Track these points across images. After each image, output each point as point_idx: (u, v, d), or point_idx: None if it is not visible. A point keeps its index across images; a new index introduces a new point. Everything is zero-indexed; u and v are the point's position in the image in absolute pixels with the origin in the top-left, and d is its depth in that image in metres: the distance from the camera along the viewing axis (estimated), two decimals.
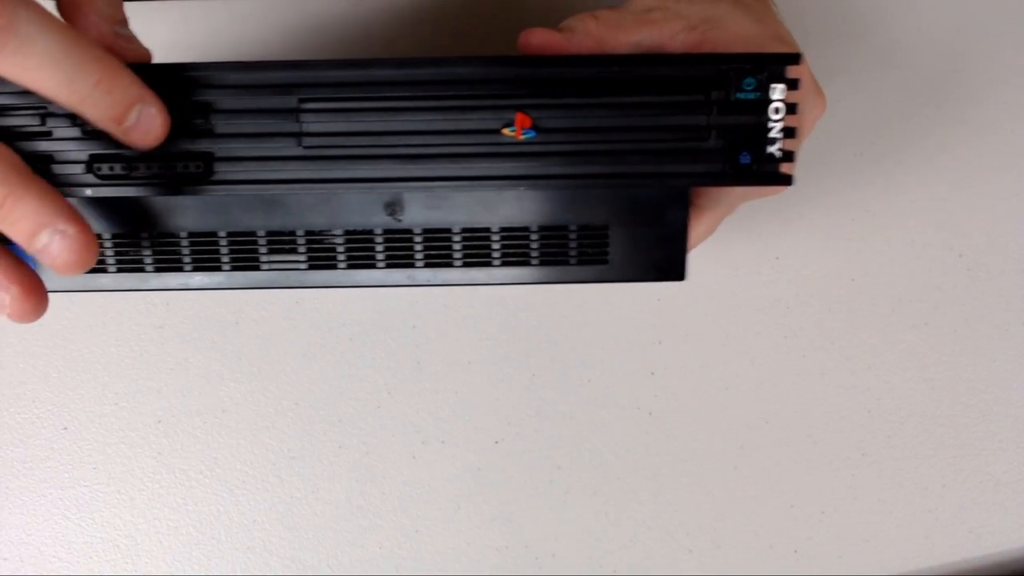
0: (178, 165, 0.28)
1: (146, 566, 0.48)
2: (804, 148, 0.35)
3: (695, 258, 0.48)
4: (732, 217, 0.39)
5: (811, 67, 0.34)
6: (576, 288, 0.48)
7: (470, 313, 0.48)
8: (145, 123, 0.26)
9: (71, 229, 0.26)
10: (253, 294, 0.47)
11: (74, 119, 0.28)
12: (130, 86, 0.26)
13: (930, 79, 0.49)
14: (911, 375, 0.50)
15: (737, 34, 0.32)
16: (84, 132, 0.28)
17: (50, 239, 0.26)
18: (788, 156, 0.29)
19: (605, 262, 0.32)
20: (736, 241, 0.48)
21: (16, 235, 0.26)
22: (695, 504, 0.50)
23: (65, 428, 0.47)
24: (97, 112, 0.26)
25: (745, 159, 0.29)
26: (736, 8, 0.33)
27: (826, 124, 0.38)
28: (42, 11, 0.24)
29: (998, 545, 0.52)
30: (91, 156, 0.28)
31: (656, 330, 0.49)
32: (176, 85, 0.28)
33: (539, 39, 0.31)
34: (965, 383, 0.50)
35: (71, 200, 0.27)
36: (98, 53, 0.25)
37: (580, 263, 0.32)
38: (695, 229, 0.35)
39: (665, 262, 0.32)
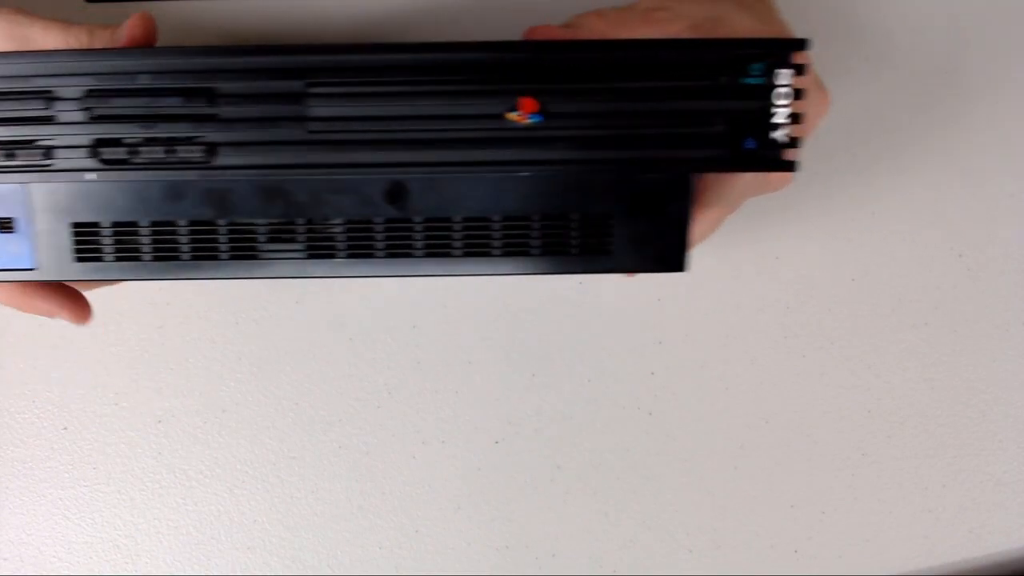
0: (181, 150, 0.28)
1: (146, 566, 0.48)
2: (803, 148, 0.34)
3: (695, 258, 0.48)
4: (732, 217, 0.39)
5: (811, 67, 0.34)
6: (576, 288, 0.48)
7: (470, 313, 0.48)
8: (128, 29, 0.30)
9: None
10: (253, 294, 0.47)
11: (79, 102, 0.28)
12: (107, 26, 0.31)
13: (929, 79, 0.49)
14: (911, 375, 0.50)
15: (741, 33, 0.32)
16: (89, 117, 0.28)
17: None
18: (793, 142, 0.28)
19: (607, 252, 0.31)
20: (736, 241, 0.48)
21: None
22: (695, 504, 0.50)
23: (65, 428, 0.47)
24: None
25: (750, 144, 0.28)
26: (739, 8, 0.33)
27: (825, 124, 0.38)
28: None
29: (998, 545, 0.52)
30: (95, 140, 0.28)
31: (656, 330, 0.49)
32: (180, 70, 0.28)
33: (543, 36, 0.31)
34: (965, 383, 0.50)
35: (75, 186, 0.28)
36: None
37: (581, 253, 0.31)
38: (698, 226, 0.35)
39: (666, 252, 0.31)
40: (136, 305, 0.47)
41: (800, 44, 0.27)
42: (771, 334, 0.49)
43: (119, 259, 0.31)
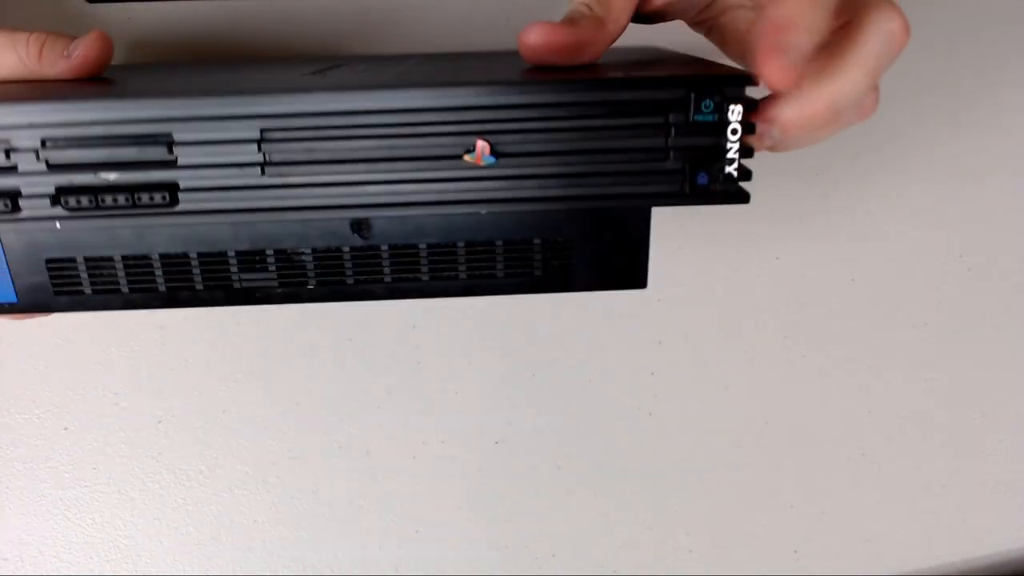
0: (143, 196, 0.29)
1: (146, 566, 0.48)
2: (803, 148, 0.34)
3: (696, 258, 0.48)
4: (732, 217, 0.39)
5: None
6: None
7: (470, 313, 0.48)
8: (80, 53, 0.30)
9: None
10: None
11: (37, 154, 0.28)
12: (59, 39, 0.30)
13: (929, 80, 0.49)
14: (911, 375, 0.50)
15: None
16: (48, 166, 0.28)
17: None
18: (745, 175, 0.29)
19: (568, 274, 0.32)
20: (736, 241, 0.48)
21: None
22: (695, 504, 0.50)
23: (65, 428, 0.47)
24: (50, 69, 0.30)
25: (702, 179, 0.29)
26: None
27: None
28: None
29: (998, 545, 0.52)
30: (57, 189, 0.28)
31: (656, 330, 0.49)
32: (137, 118, 0.28)
33: (542, 36, 0.30)
34: (965, 383, 0.50)
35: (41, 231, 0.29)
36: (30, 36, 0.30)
37: (544, 275, 0.32)
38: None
39: (627, 272, 0.33)
40: None
41: (748, 80, 0.28)
42: (771, 334, 0.49)
43: (97, 292, 0.32)
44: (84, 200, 0.28)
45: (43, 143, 0.28)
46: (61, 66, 0.31)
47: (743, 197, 0.30)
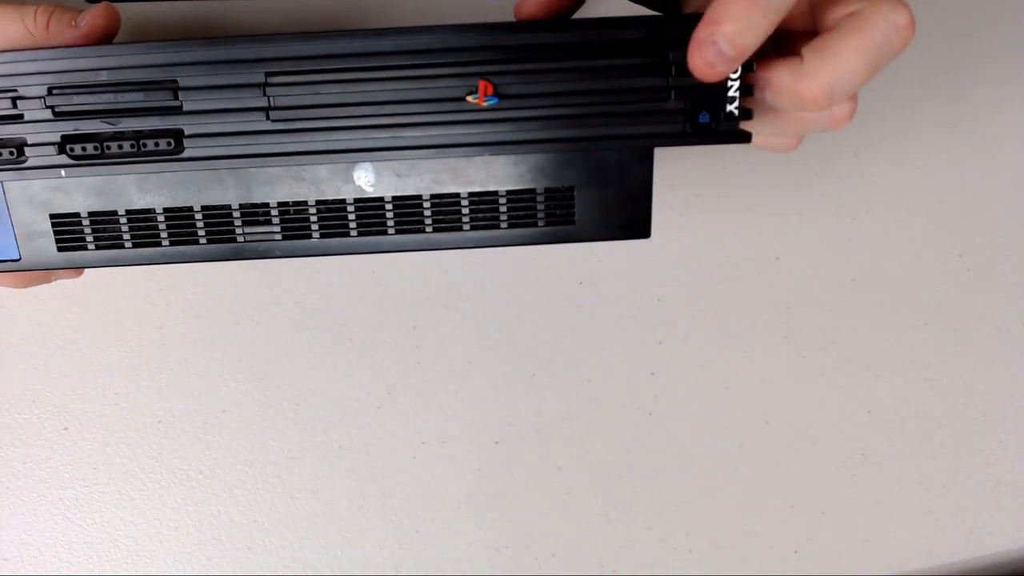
0: (149, 143, 0.29)
1: (146, 566, 0.48)
2: (803, 148, 0.34)
3: (696, 258, 0.48)
4: (732, 217, 0.39)
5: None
6: (576, 288, 0.48)
7: (470, 314, 0.48)
8: (89, 23, 0.30)
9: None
10: (253, 294, 0.47)
11: (43, 101, 0.28)
12: (66, 10, 0.30)
13: (929, 80, 0.49)
14: (911, 375, 0.50)
15: None
16: (55, 114, 0.28)
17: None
18: (746, 113, 0.29)
19: (572, 222, 0.32)
20: (736, 241, 0.48)
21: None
22: (695, 504, 0.50)
23: (65, 428, 0.47)
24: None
25: (704, 118, 0.29)
26: None
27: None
28: None
29: (998, 545, 0.52)
30: (63, 137, 0.29)
31: (656, 330, 0.49)
32: (140, 64, 0.28)
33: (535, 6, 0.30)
34: (965, 383, 0.50)
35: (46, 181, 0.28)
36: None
37: (548, 224, 0.32)
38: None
39: (630, 220, 0.32)
40: (136, 305, 0.47)
41: None
42: (771, 334, 0.49)
43: (100, 247, 0.31)
44: (89, 148, 0.29)
45: (49, 91, 0.28)
46: (68, 35, 0.31)
47: (744, 137, 0.30)
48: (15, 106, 0.28)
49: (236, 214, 0.31)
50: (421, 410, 0.48)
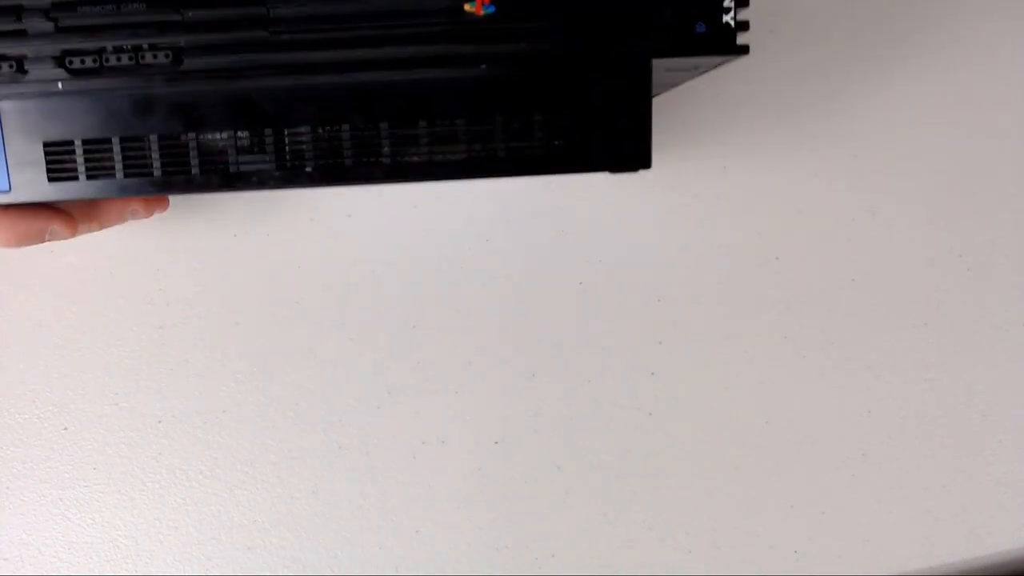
0: (147, 56, 0.29)
1: (146, 566, 0.48)
2: (803, 148, 0.34)
3: (696, 257, 0.48)
4: (732, 216, 0.39)
5: (810, 65, 0.33)
6: (576, 287, 0.48)
7: (470, 314, 0.48)
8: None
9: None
10: (253, 294, 0.47)
11: (47, 13, 0.28)
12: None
13: (929, 80, 0.49)
14: (911, 375, 0.50)
15: None
16: (57, 28, 0.28)
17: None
18: (742, 26, 0.29)
19: (572, 152, 0.32)
20: (736, 241, 0.48)
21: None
22: (695, 504, 0.50)
23: (65, 428, 0.47)
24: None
25: (700, 28, 0.29)
26: None
27: (825, 125, 0.38)
28: None
29: (998, 545, 0.52)
30: (63, 51, 0.29)
31: (656, 330, 0.49)
32: None
33: None
34: (965, 383, 0.50)
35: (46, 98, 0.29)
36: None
37: (547, 154, 0.32)
38: None
39: (630, 148, 0.32)
40: (136, 305, 0.47)
41: None
42: (771, 334, 0.49)
43: (92, 177, 0.31)
44: (88, 60, 0.29)
45: (53, 4, 0.28)
46: None
47: (741, 49, 0.30)
48: (19, 19, 0.28)
49: (228, 142, 0.31)
50: (421, 410, 0.48)
